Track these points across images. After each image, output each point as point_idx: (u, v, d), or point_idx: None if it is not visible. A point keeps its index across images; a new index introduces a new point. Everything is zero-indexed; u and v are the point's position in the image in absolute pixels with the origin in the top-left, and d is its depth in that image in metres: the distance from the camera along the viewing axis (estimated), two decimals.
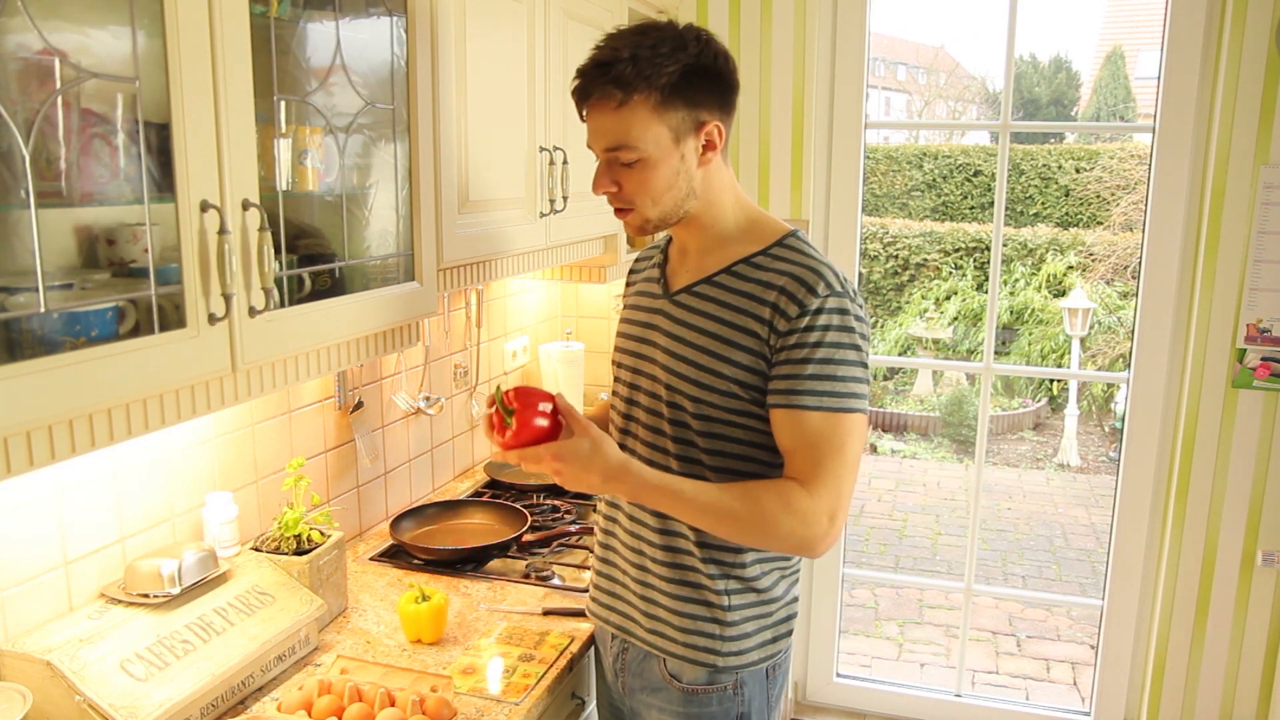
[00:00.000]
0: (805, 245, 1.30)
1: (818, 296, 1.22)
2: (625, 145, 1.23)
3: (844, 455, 1.22)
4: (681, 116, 1.23)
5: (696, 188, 1.29)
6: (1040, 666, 3.72)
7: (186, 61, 1.05)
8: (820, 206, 2.78)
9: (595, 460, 1.21)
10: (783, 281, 1.24)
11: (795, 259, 1.27)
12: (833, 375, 1.22)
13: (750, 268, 1.29)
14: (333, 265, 1.44)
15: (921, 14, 16.71)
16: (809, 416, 1.22)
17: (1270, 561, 2.57)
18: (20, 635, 1.27)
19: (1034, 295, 8.34)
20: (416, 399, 2.19)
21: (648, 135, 1.22)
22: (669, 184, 1.26)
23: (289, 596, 1.51)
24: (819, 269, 1.25)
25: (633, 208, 1.28)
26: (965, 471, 6.76)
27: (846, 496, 1.23)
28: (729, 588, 1.33)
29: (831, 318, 1.22)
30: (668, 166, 1.25)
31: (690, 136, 1.25)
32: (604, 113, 1.23)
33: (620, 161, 1.25)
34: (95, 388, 0.98)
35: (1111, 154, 9.09)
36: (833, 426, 1.22)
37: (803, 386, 1.22)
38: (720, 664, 1.34)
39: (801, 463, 1.23)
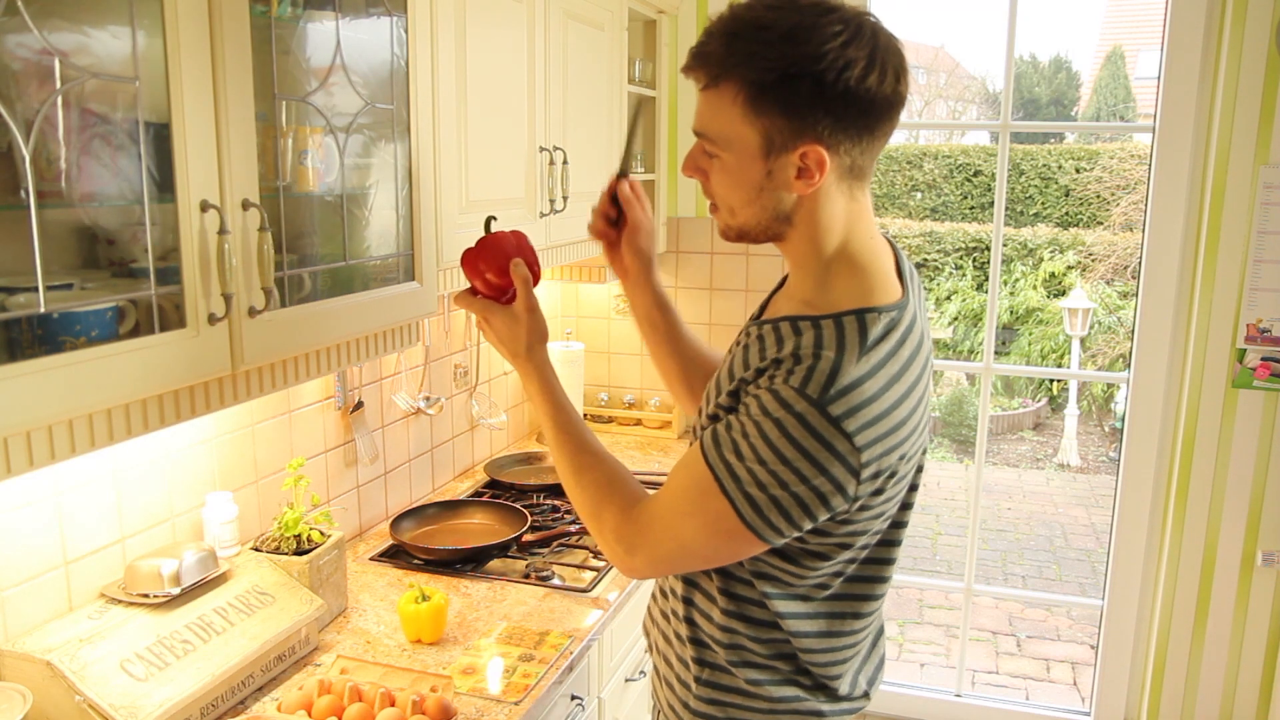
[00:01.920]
0: (846, 336, 1.00)
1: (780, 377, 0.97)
2: (705, 135, 1.04)
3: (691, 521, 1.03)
4: (778, 127, 0.98)
5: (788, 212, 1.04)
6: (1040, 666, 3.72)
7: (186, 61, 1.05)
8: None
9: (514, 343, 1.22)
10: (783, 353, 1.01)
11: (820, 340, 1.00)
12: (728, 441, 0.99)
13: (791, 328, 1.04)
14: (333, 265, 1.44)
15: (921, 14, 16.71)
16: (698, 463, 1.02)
17: (1270, 561, 2.57)
18: (20, 635, 1.28)
19: (1034, 295, 8.34)
20: (416, 399, 2.19)
21: (732, 134, 1.00)
22: (748, 198, 1.04)
23: (289, 596, 1.51)
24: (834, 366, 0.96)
25: (718, 202, 1.09)
26: (965, 471, 6.76)
27: (659, 548, 1.06)
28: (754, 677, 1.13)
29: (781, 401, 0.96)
30: (749, 178, 1.02)
31: (785, 154, 0.99)
32: (701, 89, 1.03)
33: (704, 150, 1.05)
34: (95, 388, 0.98)
35: (1111, 154, 9.09)
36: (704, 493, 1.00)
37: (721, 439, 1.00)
38: None
39: (661, 489, 1.08)
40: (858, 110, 0.98)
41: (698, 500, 1.02)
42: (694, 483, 1.02)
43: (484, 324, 1.25)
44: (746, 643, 1.13)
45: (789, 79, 0.96)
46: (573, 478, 1.16)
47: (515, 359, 1.23)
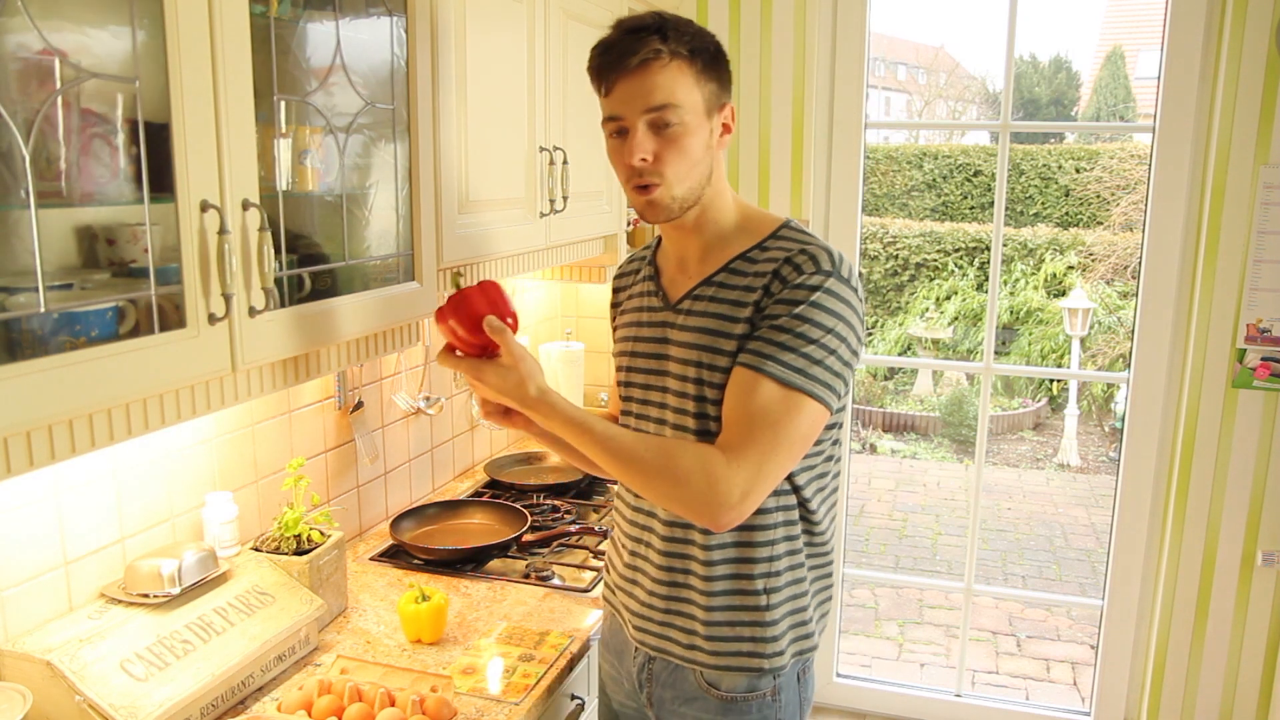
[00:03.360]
0: (801, 233, 1.28)
1: (805, 274, 1.19)
2: (670, 104, 1.19)
3: (781, 435, 1.17)
4: (713, 90, 1.23)
5: (713, 172, 1.27)
6: (1040, 666, 3.72)
7: (186, 61, 1.05)
8: (820, 206, 2.78)
9: (518, 391, 1.22)
10: (775, 266, 1.22)
11: (788, 246, 1.25)
12: (806, 354, 1.17)
13: (746, 262, 1.27)
14: (333, 265, 1.44)
15: (921, 14, 16.71)
16: (763, 384, 1.17)
17: (1270, 561, 2.57)
18: (20, 635, 1.28)
19: (1034, 295, 8.34)
20: (416, 399, 2.19)
21: (690, 99, 1.20)
22: (698, 158, 1.23)
23: (289, 596, 1.51)
24: (813, 251, 1.22)
25: (661, 181, 1.22)
26: (965, 471, 6.76)
27: (769, 478, 1.18)
28: (769, 585, 1.29)
29: (822, 296, 1.18)
30: (700, 138, 1.22)
31: (716, 113, 1.25)
32: (649, 72, 1.19)
33: (661, 124, 1.20)
34: (95, 388, 0.98)
35: (1111, 154, 9.09)
36: (783, 403, 1.16)
37: (771, 353, 1.18)
38: (765, 665, 1.29)
39: (735, 430, 1.18)
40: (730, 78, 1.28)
41: (781, 412, 1.16)
42: (767, 401, 1.17)
43: (475, 382, 1.26)
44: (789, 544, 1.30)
45: (718, 51, 1.24)
46: (640, 478, 1.20)
47: (525, 406, 1.24)
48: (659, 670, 1.37)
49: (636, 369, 1.37)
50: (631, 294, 1.44)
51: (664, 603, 1.34)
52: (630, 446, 1.20)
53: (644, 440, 1.22)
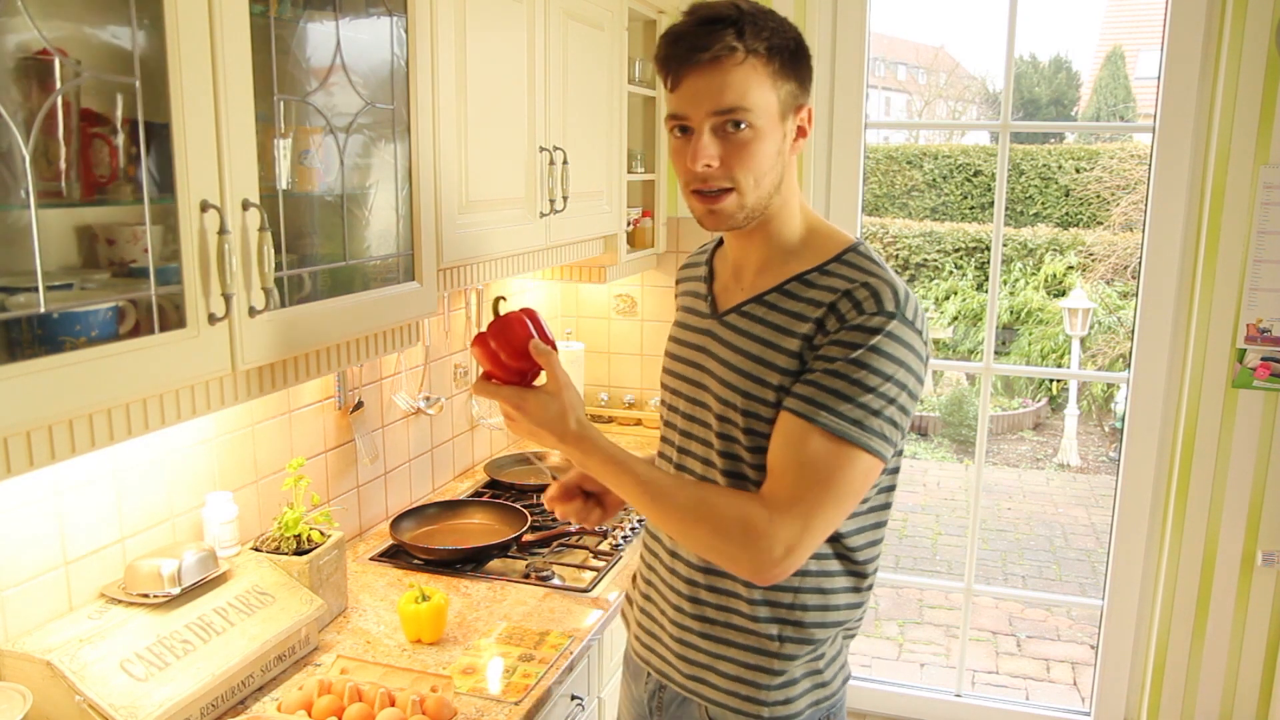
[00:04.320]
0: (866, 260, 1.16)
1: (867, 314, 1.08)
2: (741, 107, 1.08)
3: (831, 490, 1.08)
4: (790, 91, 1.13)
5: (784, 179, 1.16)
6: (1040, 666, 3.72)
7: (186, 61, 1.05)
8: (820, 206, 2.78)
9: (558, 424, 1.15)
10: (833, 298, 1.11)
11: (852, 275, 1.13)
12: (863, 403, 1.07)
13: (803, 285, 1.16)
14: (333, 265, 1.44)
15: (921, 14, 16.70)
16: (814, 434, 1.08)
17: (1270, 561, 2.57)
18: (20, 635, 1.28)
19: (1034, 295, 8.34)
20: (416, 399, 2.19)
21: (763, 101, 1.10)
22: (771, 165, 1.13)
23: (289, 596, 1.51)
24: (877, 286, 1.11)
25: (734, 187, 1.12)
26: (965, 471, 6.76)
27: (816, 534, 1.09)
28: (783, 633, 1.20)
29: (883, 340, 1.07)
30: (772, 143, 1.12)
31: (791, 116, 1.14)
32: (719, 70, 1.08)
33: (728, 126, 1.10)
34: (95, 388, 0.98)
35: (1111, 154, 9.09)
36: (834, 456, 1.07)
37: (822, 399, 1.08)
38: (765, 714, 1.21)
39: (782, 482, 1.10)
40: (811, 76, 1.17)
41: (832, 466, 1.08)
42: (817, 453, 1.08)
43: (515, 412, 1.16)
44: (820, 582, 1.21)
45: (799, 48, 1.13)
46: (679, 527, 1.14)
47: (563, 441, 1.16)
48: (668, 700, 1.30)
49: (676, 374, 1.30)
50: (687, 291, 1.36)
51: (673, 628, 1.27)
52: (669, 494, 1.13)
53: (684, 487, 1.15)
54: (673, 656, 1.28)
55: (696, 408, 1.25)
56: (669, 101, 1.14)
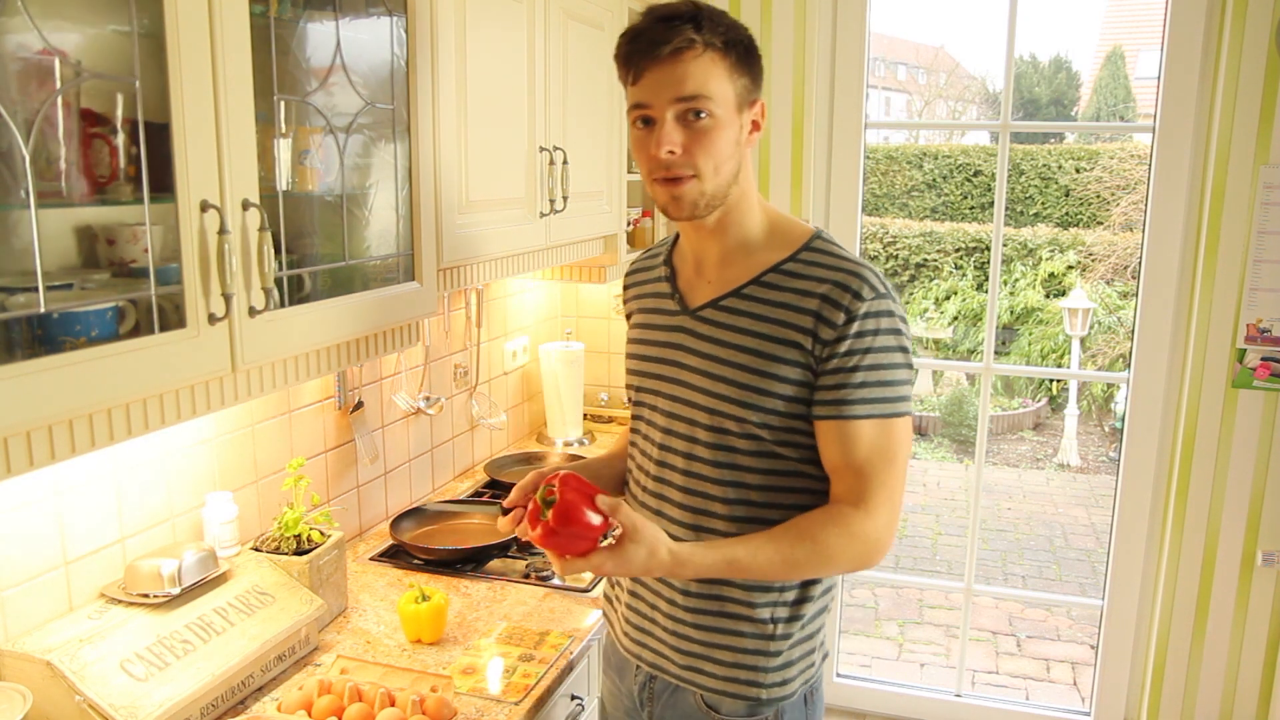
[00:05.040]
0: (835, 246, 1.24)
1: (863, 301, 1.17)
2: (703, 95, 1.15)
3: (896, 463, 1.19)
4: (745, 84, 1.20)
5: (741, 170, 1.22)
6: (1040, 666, 3.72)
7: (186, 62, 1.05)
8: (820, 206, 2.78)
9: (651, 562, 1.12)
10: (824, 289, 1.18)
11: (831, 263, 1.21)
12: (882, 380, 1.17)
13: (782, 276, 1.22)
14: (333, 265, 1.44)
15: (921, 14, 16.70)
16: (860, 427, 1.17)
17: (1270, 561, 2.57)
18: (20, 635, 1.28)
19: (1034, 295, 8.34)
20: (416, 399, 2.19)
21: (722, 91, 1.17)
22: (729, 153, 1.19)
23: (289, 596, 1.51)
24: (859, 271, 1.19)
25: (695, 174, 1.18)
26: (965, 471, 6.76)
27: (900, 503, 1.21)
28: (776, 615, 1.26)
29: (879, 321, 1.17)
30: (731, 133, 1.19)
31: (747, 109, 1.21)
32: (680, 61, 1.15)
33: (689, 115, 1.16)
34: (95, 388, 0.98)
35: (1111, 154, 9.09)
36: (884, 434, 1.18)
37: (853, 396, 1.17)
38: (764, 695, 1.26)
39: (853, 479, 1.18)
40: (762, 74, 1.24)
41: (884, 444, 1.18)
42: (869, 441, 1.17)
43: (614, 572, 1.13)
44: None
45: (752, 45, 1.21)
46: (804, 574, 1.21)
47: (665, 572, 1.15)
48: (660, 690, 1.33)
49: (647, 373, 1.32)
50: (644, 293, 1.39)
51: (667, 620, 1.30)
52: (780, 555, 1.16)
53: (786, 540, 1.17)
54: (667, 648, 1.30)
55: (678, 405, 1.27)
56: (630, 94, 1.20)
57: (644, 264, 1.43)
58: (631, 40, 1.18)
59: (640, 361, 1.34)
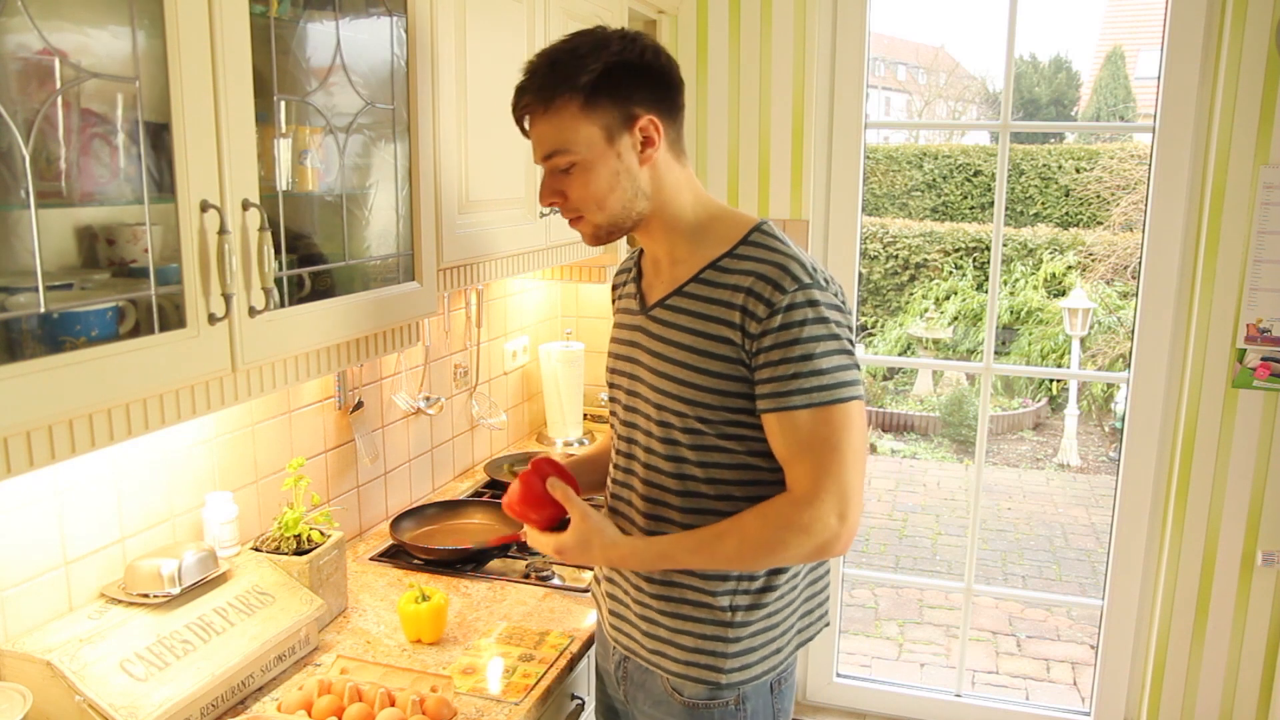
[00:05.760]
0: (770, 239, 1.25)
1: (785, 292, 1.17)
2: (558, 150, 1.22)
3: (842, 449, 1.18)
4: (611, 115, 1.21)
5: (644, 188, 1.25)
6: (1040, 666, 3.72)
7: (186, 61, 1.05)
8: (820, 206, 2.78)
9: (589, 553, 1.28)
10: (749, 282, 1.20)
11: (760, 255, 1.22)
12: (815, 369, 1.17)
13: (718, 272, 1.24)
14: (333, 265, 1.44)
15: (921, 14, 16.71)
16: (798, 416, 1.18)
17: (1270, 561, 2.57)
18: (20, 635, 1.28)
19: (1034, 295, 8.34)
20: (416, 399, 2.19)
21: (578, 137, 1.20)
22: (610, 185, 1.23)
23: (289, 596, 1.51)
24: (784, 263, 1.20)
25: (581, 215, 1.26)
26: (965, 471, 6.76)
27: (855, 489, 1.20)
28: (735, 603, 1.29)
29: (805, 311, 1.17)
30: (605, 167, 1.22)
31: (624, 134, 1.22)
32: (535, 122, 1.23)
33: (559, 168, 1.23)
34: (95, 388, 0.98)
35: (1111, 154, 9.09)
36: (825, 421, 1.18)
37: (787, 387, 1.18)
38: (723, 680, 1.30)
39: (799, 468, 1.20)
40: (657, 80, 1.23)
41: (827, 431, 1.18)
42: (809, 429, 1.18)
43: (559, 554, 1.31)
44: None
45: (606, 72, 1.19)
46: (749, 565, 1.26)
47: (605, 560, 1.31)
48: (632, 670, 1.39)
49: (618, 370, 1.39)
50: (622, 295, 1.45)
51: (636, 605, 1.35)
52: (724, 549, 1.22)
53: (728, 534, 1.22)
54: (637, 633, 1.36)
55: (635, 399, 1.34)
56: None
57: (624, 266, 1.49)
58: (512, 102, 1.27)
59: (612, 359, 1.41)
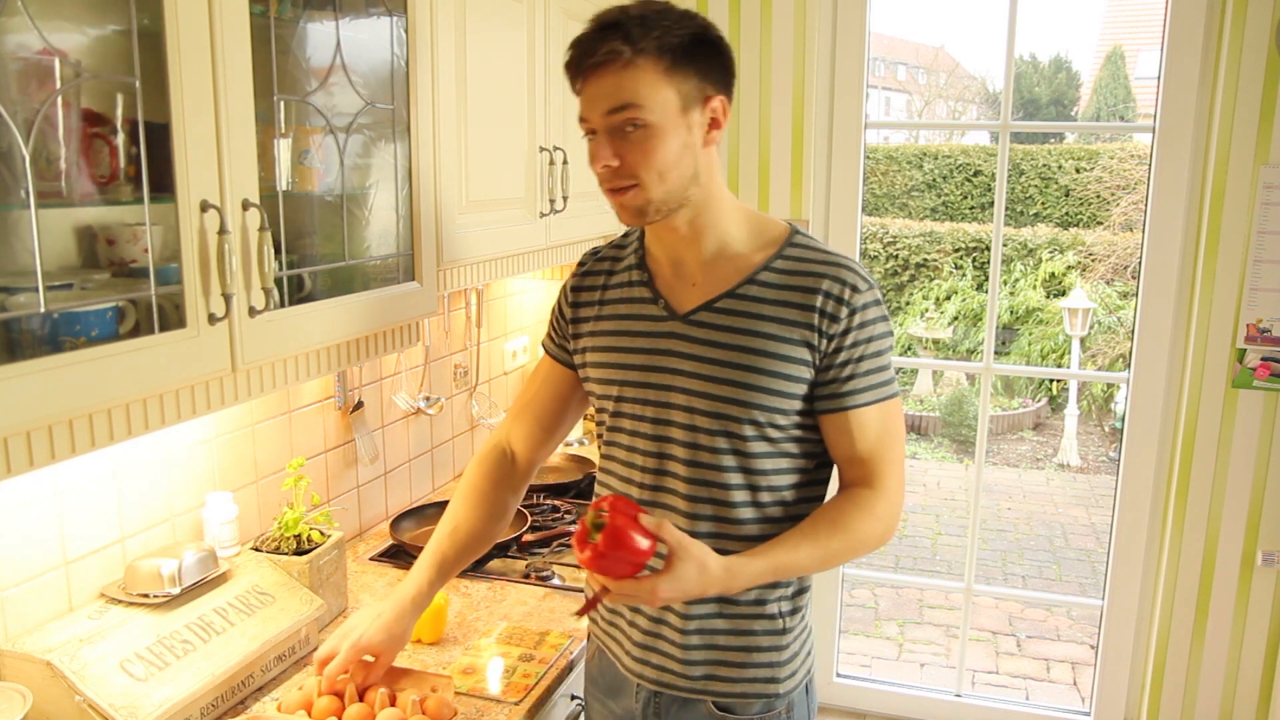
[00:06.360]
0: (813, 240, 1.26)
1: (860, 292, 1.20)
2: (632, 104, 1.12)
3: (898, 439, 1.24)
4: (692, 84, 1.15)
5: (700, 171, 1.19)
6: (1040, 666, 3.72)
7: (186, 61, 1.05)
8: (820, 206, 2.78)
9: (705, 578, 1.11)
10: (825, 284, 1.19)
11: (818, 257, 1.23)
12: (880, 366, 1.22)
13: (775, 274, 1.22)
14: (333, 265, 1.44)
15: (921, 14, 16.72)
16: (867, 414, 1.21)
17: (1270, 561, 2.57)
18: (20, 635, 1.28)
19: (1034, 295, 8.34)
20: (416, 399, 2.19)
21: (656, 97, 1.12)
22: (676, 158, 1.15)
23: (289, 596, 1.51)
24: (846, 264, 1.22)
25: (637, 183, 1.15)
26: (965, 471, 6.75)
27: (904, 474, 1.27)
28: (781, 609, 1.27)
29: (877, 310, 1.21)
30: (675, 138, 1.15)
31: (697, 109, 1.16)
32: (608, 73, 1.13)
33: (625, 126, 1.13)
34: (95, 388, 0.98)
35: (1111, 154, 9.09)
36: (887, 415, 1.23)
37: (860, 385, 1.20)
38: (780, 690, 1.28)
39: (866, 464, 1.22)
40: (729, 63, 1.20)
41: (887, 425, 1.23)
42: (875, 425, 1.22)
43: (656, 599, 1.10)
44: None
45: (695, 40, 1.15)
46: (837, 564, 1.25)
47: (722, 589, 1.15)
48: (666, 704, 1.30)
49: (631, 382, 1.27)
50: (608, 297, 1.33)
51: (675, 634, 1.27)
52: (822, 550, 1.20)
53: (823, 533, 1.20)
54: (674, 663, 1.28)
55: (675, 412, 1.24)
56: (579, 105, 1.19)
57: (606, 264, 1.36)
58: (571, 50, 1.17)
59: (620, 370, 1.28)
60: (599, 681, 1.42)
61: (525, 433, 1.42)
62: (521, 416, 1.43)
